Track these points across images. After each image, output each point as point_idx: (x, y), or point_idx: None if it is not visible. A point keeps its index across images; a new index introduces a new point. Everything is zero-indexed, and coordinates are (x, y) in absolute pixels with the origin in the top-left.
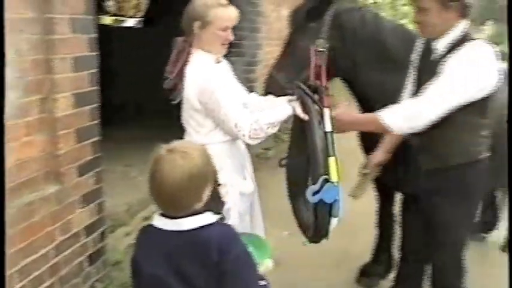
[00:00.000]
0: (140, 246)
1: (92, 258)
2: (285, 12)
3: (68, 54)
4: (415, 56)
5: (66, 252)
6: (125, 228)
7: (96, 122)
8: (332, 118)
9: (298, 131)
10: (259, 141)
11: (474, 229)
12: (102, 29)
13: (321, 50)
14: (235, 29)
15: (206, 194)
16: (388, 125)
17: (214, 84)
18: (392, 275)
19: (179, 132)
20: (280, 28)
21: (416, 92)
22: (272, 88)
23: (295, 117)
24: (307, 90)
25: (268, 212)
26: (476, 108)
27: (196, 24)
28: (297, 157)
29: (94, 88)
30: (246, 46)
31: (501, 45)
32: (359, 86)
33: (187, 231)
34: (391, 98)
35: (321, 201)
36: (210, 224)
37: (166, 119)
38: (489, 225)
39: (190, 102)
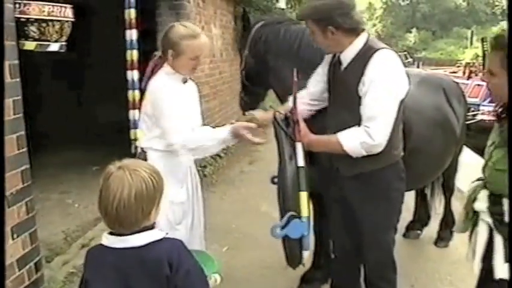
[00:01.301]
0: (89, 266)
1: None
2: (216, 30)
3: None
4: (326, 67)
5: None
6: (62, 256)
7: (23, 150)
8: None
9: None
10: (192, 154)
11: (410, 227)
12: (26, 55)
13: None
14: None
15: (154, 213)
16: (348, 151)
17: (165, 93)
18: None
19: (109, 157)
20: (211, 46)
21: (333, 101)
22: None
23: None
24: (281, 123)
25: (206, 227)
26: None
27: (170, 52)
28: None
29: (19, 116)
30: None
31: (424, 51)
32: (276, 92)
33: (136, 248)
34: None
35: (287, 236)
36: (159, 240)
37: (94, 144)
38: (422, 222)
39: (146, 107)
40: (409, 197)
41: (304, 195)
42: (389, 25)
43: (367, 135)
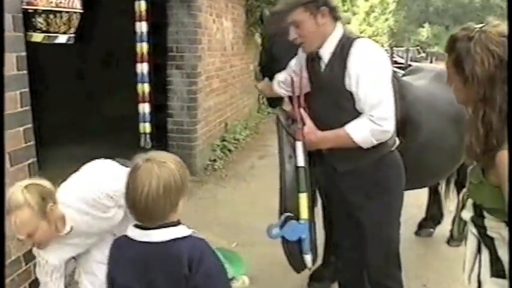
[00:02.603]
0: (113, 257)
1: (35, 286)
2: (227, 23)
3: None
4: (302, 65)
5: (6, 281)
6: None
7: (30, 143)
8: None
9: None
10: None
11: (422, 225)
12: (33, 46)
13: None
14: (175, 41)
15: (181, 205)
16: (359, 142)
17: None
18: None
19: (118, 150)
20: (222, 39)
21: (320, 101)
22: None
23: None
24: (283, 121)
25: (216, 223)
26: None
27: None
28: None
29: (26, 108)
30: (186, 58)
31: (437, 46)
32: None
33: (159, 243)
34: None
35: (283, 238)
36: (183, 237)
37: (103, 137)
38: (435, 220)
39: None
40: (422, 195)
41: (304, 197)
42: (402, 19)
43: (374, 123)
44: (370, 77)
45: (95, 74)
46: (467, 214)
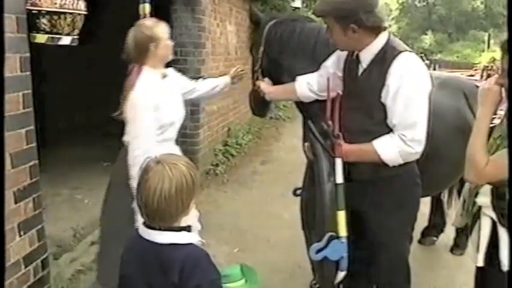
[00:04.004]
0: (125, 248)
1: None
2: (231, 27)
3: None
4: (339, 63)
5: (5, 284)
6: (70, 254)
7: (32, 145)
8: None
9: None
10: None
11: (425, 233)
12: (38, 47)
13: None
14: (178, 45)
15: (192, 206)
16: (386, 160)
17: (142, 102)
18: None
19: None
20: (225, 43)
21: (347, 102)
22: None
23: (311, 151)
24: (318, 136)
25: (217, 228)
26: None
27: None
28: (313, 190)
29: (28, 110)
30: (189, 62)
31: (440, 54)
32: None
33: (158, 244)
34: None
35: (326, 258)
36: (183, 244)
37: (111, 140)
38: (438, 228)
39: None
40: (424, 203)
41: (342, 214)
42: (405, 26)
43: (405, 144)
44: (409, 95)
45: (98, 76)
46: (484, 199)
